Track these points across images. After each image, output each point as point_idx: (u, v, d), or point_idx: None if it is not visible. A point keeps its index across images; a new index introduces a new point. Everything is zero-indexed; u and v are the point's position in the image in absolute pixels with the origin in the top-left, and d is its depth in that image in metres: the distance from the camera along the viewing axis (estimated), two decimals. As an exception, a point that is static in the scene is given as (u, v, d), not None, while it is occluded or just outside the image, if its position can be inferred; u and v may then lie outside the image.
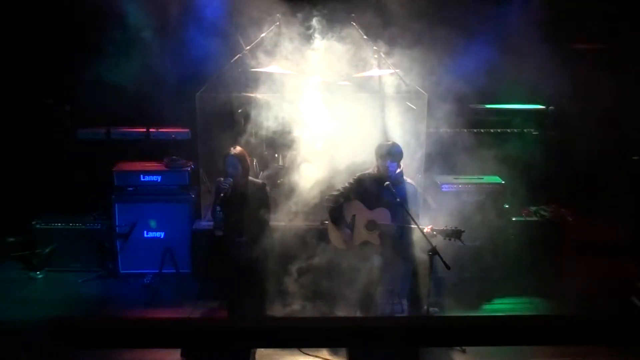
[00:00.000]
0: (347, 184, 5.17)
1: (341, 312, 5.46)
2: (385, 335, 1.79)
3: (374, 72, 6.04)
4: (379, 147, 5.08)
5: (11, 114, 6.63)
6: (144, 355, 4.59)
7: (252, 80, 6.14)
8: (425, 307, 4.80)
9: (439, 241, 4.78)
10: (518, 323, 1.82)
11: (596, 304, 5.68)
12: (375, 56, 5.96)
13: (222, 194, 5.07)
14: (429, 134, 6.05)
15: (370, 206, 5.05)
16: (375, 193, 5.03)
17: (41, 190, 6.60)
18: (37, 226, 6.27)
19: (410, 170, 5.48)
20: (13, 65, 6.48)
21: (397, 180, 5.02)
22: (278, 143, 6.30)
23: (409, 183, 5.10)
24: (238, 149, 5.19)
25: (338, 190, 5.17)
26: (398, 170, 5.06)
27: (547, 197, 6.51)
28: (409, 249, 4.95)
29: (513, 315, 5.43)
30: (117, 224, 6.14)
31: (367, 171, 5.21)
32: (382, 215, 5.01)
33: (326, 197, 5.25)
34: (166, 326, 1.81)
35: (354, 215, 5.08)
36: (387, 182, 4.92)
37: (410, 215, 4.80)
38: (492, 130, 6.64)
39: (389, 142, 5.11)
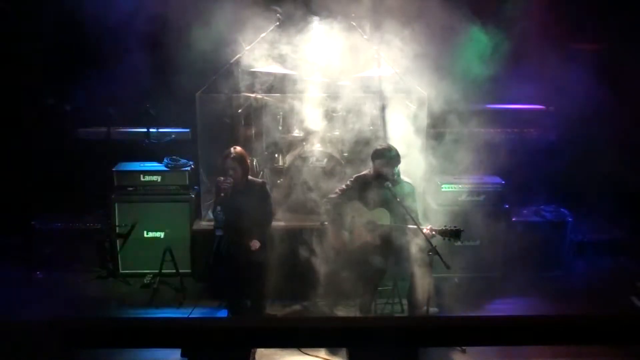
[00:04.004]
0: (344, 186, 5.16)
1: (341, 312, 5.46)
2: (385, 335, 1.79)
3: (374, 72, 6.05)
4: (377, 152, 5.04)
5: (11, 114, 6.62)
6: (144, 355, 4.59)
7: (252, 80, 6.14)
8: (425, 307, 4.80)
9: (438, 241, 4.78)
10: (518, 323, 1.82)
11: (596, 304, 5.68)
12: (376, 56, 5.96)
13: (222, 194, 5.08)
14: (429, 133, 6.05)
15: (369, 207, 5.05)
16: (374, 193, 5.02)
17: (41, 190, 6.60)
18: (37, 226, 6.27)
19: (410, 170, 5.47)
20: (13, 65, 6.48)
21: (395, 180, 5.01)
22: (278, 143, 6.31)
23: (406, 182, 5.10)
24: (237, 149, 5.19)
25: (336, 192, 5.17)
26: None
27: (547, 197, 6.50)
28: (408, 248, 4.95)
29: (513, 315, 5.43)
30: (117, 224, 6.14)
31: (363, 172, 5.20)
32: (381, 216, 5.01)
33: (324, 199, 5.25)
34: (166, 326, 1.81)
35: (353, 217, 5.08)
36: (387, 182, 4.92)
37: (410, 215, 4.80)
38: (492, 130, 6.63)
39: (385, 147, 5.04)
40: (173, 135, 6.66)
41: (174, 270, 5.86)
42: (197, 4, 5.90)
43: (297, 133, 6.21)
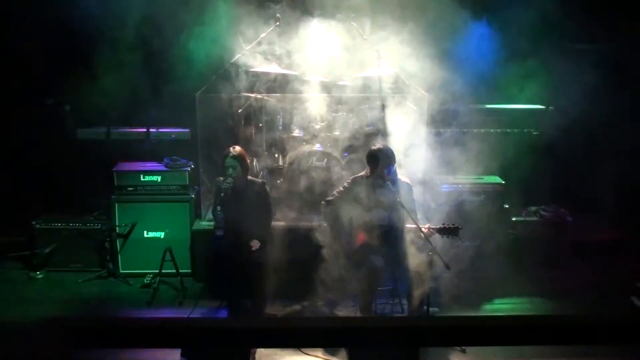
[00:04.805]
0: (341, 188, 5.15)
1: (341, 312, 5.46)
2: (385, 335, 1.79)
3: (374, 72, 6.05)
4: (371, 153, 5.02)
5: (11, 114, 6.62)
6: (144, 355, 4.59)
7: (252, 80, 6.14)
8: (425, 307, 4.80)
9: (438, 240, 4.78)
10: (518, 323, 1.82)
11: (596, 304, 5.68)
12: (375, 56, 5.96)
13: (222, 194, 5.08)
14: (429, 133, 6.05)
15: (367, 208, 5.04)
16: (371, 194, 5.01)
17: (41, 190, 6.60)
18: (37, 226, 6.26)
19: (410, 170, 5.48)
20: (13, 65, 6.48)
21: (392, 180, 5.01)
22: (278, 143, 6.31)
23: (403, 181, 5.10)
24: (237, 149, 5.20)
25: (333, 194, 5.15)
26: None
27: (547, 197, 6.50)
28: (408, 248, 4.94)
29: (513, 315, 5.42)
30: (117, 224, 6.14)
31: (360, 173, 5.20)
32: (379, 216, 5.01)
33: (322, 202, 5.23)
34: (166, 326, 1.81)
35: (351, 218, 5.06)
36: (387, 182, 4.92)
37: (409, 214, 4.80)
38: (492, 130, 6.63)
39: (380, 148, 5.01)
40: (173, 135, 6.66)
41: (174, 270, 5.86)
42: (197, 4, 5.90)
43: (297, 133, 6.21)
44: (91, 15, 5.89)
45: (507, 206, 6.14)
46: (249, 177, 5.31)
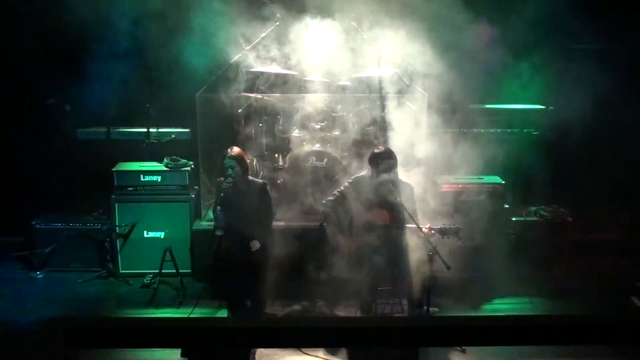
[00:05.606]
0: (342, 187, 5.15)
1: (341, 312, 5.46)
2: (385, 335, 1.79)
3: (374, 72, 6.05)
4: (374, 156, 5.02)
5: (12, 114, 6.62)
6: (144, 355, 4.59)
7: (252, 80, 6.14)
8: (425, 307, 4.80)
9: (438, 240, 4.78)
10: (518, 323, 1.82)
11: (596, 304, 5.68)
12: (375, 56, 5.96)
13: (222, 194, 5.08)
14: (429, 134, 6.05)
15: (368, 207, 5.04)
16: (372, 194, 5.01)
17: (41, 190, 6.60)
18: (37, 226, 6.27)
19: (410, 170, 5.47)
20: (13, 65, 6.47)
21: (394, 180, 5.00)
22: (278, 143, 6.31)
23: (404, 182, 5.10)
24: (235, 149, 5.20)
25: (334, 194, 5.15)
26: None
27: (547, 197, 6.50)
28: (408, 248, 4.94)
29: (513, 315, 5.42)
30: (117, 224, 6.15)
31: (361, 173, 5.20)
32: (380, 216, 5.01)
33: (322, 201, 5.23)
34: (166, 326, 1.81)
35: (351, 218, 5.07)
36: (389, 183, 4.91)
37: (409, 214, 4.80)
38: (492, 130, 6.63)
39: (383, 151, 5.01)
40: (173, 135, 6.66)
41: (174, 270, 5.86)
42: (198, 4, 5.90)
43: (297, 133, 6.21)
44: (91, 16, 5.88)
45: (507, 206, 6.13)
46: (250, 177, 5.31)
